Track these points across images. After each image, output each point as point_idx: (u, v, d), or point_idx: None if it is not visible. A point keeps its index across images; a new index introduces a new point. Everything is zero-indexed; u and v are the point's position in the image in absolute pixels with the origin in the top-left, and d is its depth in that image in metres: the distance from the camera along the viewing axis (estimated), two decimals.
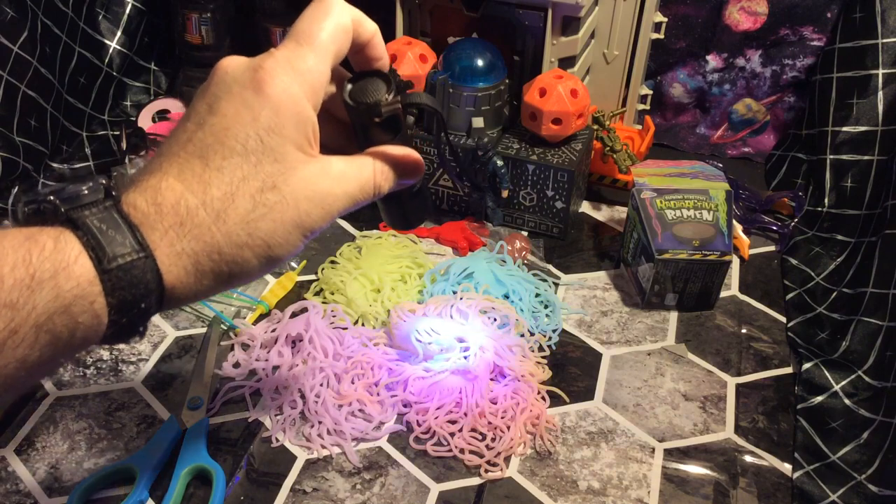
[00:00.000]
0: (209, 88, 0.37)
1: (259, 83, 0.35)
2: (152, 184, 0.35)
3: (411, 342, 0.69)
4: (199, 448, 0.62)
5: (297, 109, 0.36)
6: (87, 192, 0.34)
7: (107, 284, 0.32)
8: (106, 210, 0.33)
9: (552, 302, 0.77)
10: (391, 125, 0.41)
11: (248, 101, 0.35)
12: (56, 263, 0.31)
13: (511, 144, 0.85)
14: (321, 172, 0.37)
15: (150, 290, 0.33)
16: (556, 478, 0.62)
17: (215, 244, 0.34)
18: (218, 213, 0.34)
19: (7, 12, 0.82)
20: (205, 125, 0.36)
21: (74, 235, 0.32)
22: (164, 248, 0.34)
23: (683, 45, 1.00)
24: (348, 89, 0.41)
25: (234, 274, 0.36)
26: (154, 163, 0.36)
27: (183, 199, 0.34)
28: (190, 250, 0.34)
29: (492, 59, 0.83)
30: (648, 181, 0.80)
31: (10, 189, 0.86)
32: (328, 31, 0.38)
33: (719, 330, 0.76)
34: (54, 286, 0.31)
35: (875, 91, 0.84)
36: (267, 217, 0.35)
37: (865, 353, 0.69)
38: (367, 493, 0.60)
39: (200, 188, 0.34)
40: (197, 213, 0.34)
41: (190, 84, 1.01)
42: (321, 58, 0.37)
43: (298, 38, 0.37)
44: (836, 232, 0.83)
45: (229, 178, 0.35)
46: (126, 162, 0.87)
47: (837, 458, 0.63)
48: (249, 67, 0.36)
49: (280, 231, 0.36)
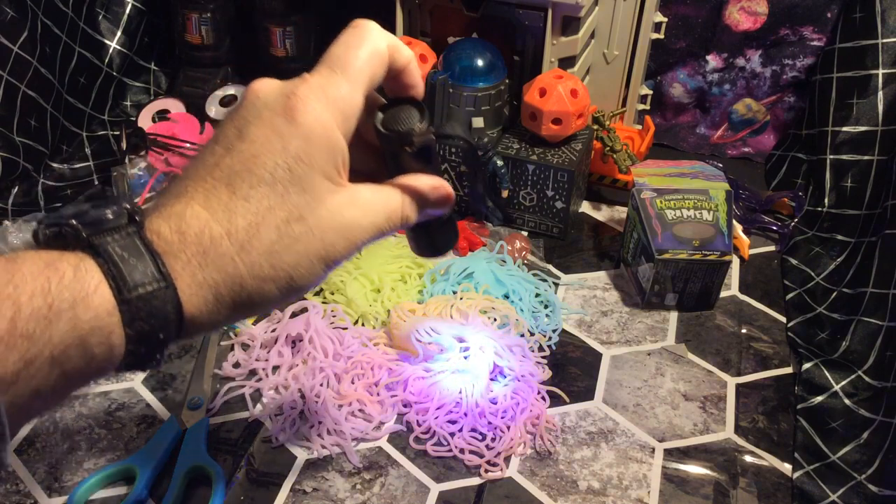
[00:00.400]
0: (240, 111, 0.36)
1: (291, 110, 0.35)
2: (177, 210, 0.34)
3: (411, 342, 0.69)
4: (199, 448, 0.62)
5: (327, 138, 0.35)
6: (111, 216, 0.33)
7: (126, 315, 0.32)
8: (129, 236, 0.33)
9: (552, 302, 0.77)
10: (423, 154, 0.41)
11: (278, 127, 0.35)
12: (75, 293, 0.31)
13: (511, 144, 0.85)
14: (348, 202, 0.37)
15: (170, 320, 0.33)
16: (556, 478, 0.62)
17: (238, 275, 0.34)
18: (242, 244, 0.34)
19: (7, 12, 0.82)
20: (233, 150, 0.35)
21: (95, 263, 0.32)
22: (185, 278, 0.33)
23: (683, 45, 1.00)
24: (380, 116, 0.40)
25: (255, 304, 0.35)
26: (180, 185, 0.35)
27: (207, 227, 0.33)
28: (212, 280, 0.33)
29: (492, 59, 0.83)
30: (648, 181, 0.80)
31: (10, 189, 0.86)
32: (363, 59, 0.37)
33: (719, 330, 0.76)
34: (72, 317, 0.30)
35: (875, 91, 0.84)
36: (291, 248, 0.35)
37: (865, 353, 0.69)
38: (367, 493, 0.60)
39: (226, 217, 0.34)
40: (221, 243, 0.33)
41: (190, 84, 1.01)
42: (355, 86, 0.36)
43: (333, 64, 0.37)
44: (836, 232, 0.83)
45: (255, 208, 0.34)
46: (126, 162, 0.87)
47: (837, 458, 0.63)
48: (282, 93, 0.35)
49: (304, 262, 0.35)
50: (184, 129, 0.91)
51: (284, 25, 0.96)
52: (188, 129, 0.91)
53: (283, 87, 0.36)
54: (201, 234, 0.33)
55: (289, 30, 0.96)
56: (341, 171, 0.36)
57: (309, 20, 0.97)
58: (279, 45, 0.97)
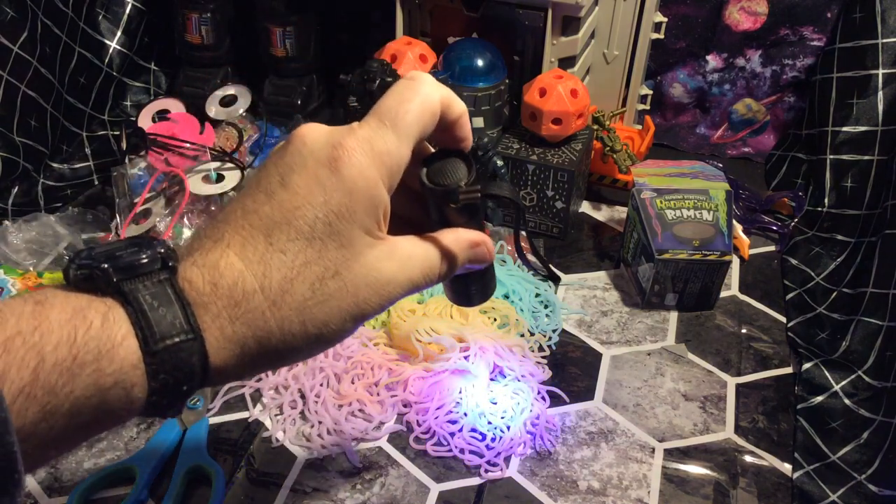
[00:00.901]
0: (284, 158, 0.35)
1: (336, 161, 0.34)
2: (212, 259, 0.33)
3: (411, 342, 0.69)
4: (199, 448, 0.62)
5: (370, 193, 0.34)
6: (145, 260, 0.32)
7: (150, 367, 0.31)
8: (160, 284, 0.32)
9: (552, 302, 0.77)
10: (467, 209, 0.40)
11: (322, 179, 0.34)
12: (101, 343, 0.30)
13: (511, 144, 0.85)
14: (386, 256, 0.36)
15: (195, 373, 0.32)
16: (556, 478, 0.62)
17: (267, 330, 0.33)
18: (275, 300, 0.33)
19: (7, 12, 0.82)
20: (274, 198, 0.34)
21: (124, 311, 0.31)
22: (214, 331, 0.32)
23: (683, 45, 1.00)
24: (426, 168, 0.39)
25: (282, 357, 0.35)
26: (218, 229, 0.34)
27: (241, 280, 0.33)
28: (241, 334, 0.33)
29: (492, 59, 0.83)
30: (648, 181, 0.80)
31: (10, 189, 0.87)
32: (414, 113, 0.36)
33: (719, 330, 0.76)
34: (95, 370, 0.30)
35: (875, 91, 0.84)
36: (324, 304, 0.34)
37: (865, 353, 0.69)
38: (367, 493, 0.60)
39: (261, 269, 0.33)
40: (254, 297, 0.33)
41: (190, 84, 1.01)
42: (403, 140, 0.35)
43: (383, 116, 0.35)
44: (836, 232, 0.83)
45: (291, 262, 0.33)
46: (126, 162, 0.87)
47: (837, 458, 0.63)
48: (329, 142, 0.34)
49: (335, 319, 0.35)
50: (184, 129, 0.91)
51: (284, 25, 0.96)
52: (188, 129, 0.91)
53: (330, 135, 0.35)
54: (234, 286, 0.33)
55: (289, 30, 0.96)
56: (381, 224, 0.36)
57: (309, 20, 0.97)
58: (279, 45, 0.97)
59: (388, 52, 0.86)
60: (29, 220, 0.81)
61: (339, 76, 0.83)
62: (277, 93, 1.00)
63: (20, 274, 0.76)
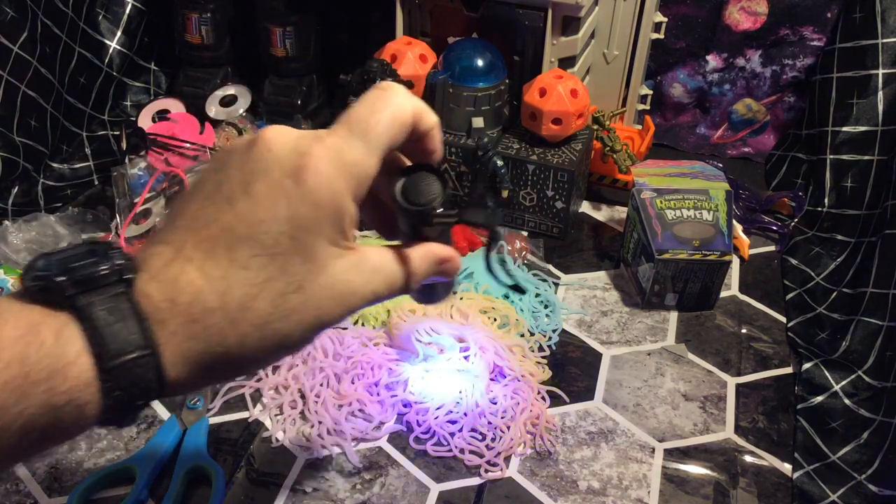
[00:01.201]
0: (248, 163, 0.33)
1: (302, 172, 0.32)
2: (171, 274, 0.32)
3: (411, 342, 0.69)
4: (199, 448, 0.62)
5: (336, 205, 0.33)
6: (102, 273, 0.31)
7: (105, 384, 0.30)
8: (116, 298, 0.31)
9: (552, 302, 0.77)
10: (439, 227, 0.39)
11: (287, 190, 0.32)
12: (54, 361, 0.29)
13: (511, 144, 0.85)
14: (352, 268, 0.35)
15: (150, 388, 0.32)
16: (556, 478, 0.62)
17: (225, 346, 0.33)
18: (235, 318, 0.32)
19: (7, 12, 0.82)
20: (236, 205, 0.33)
21: (78, 328, 0.30)
22: (171, 347, 0.32)
23: (683, 45, 1.00)
24: (400, 185, 0.38)
25: (239, 369, 0.35)
26: (177, 236, 0.33)
27: (200, 297, 0.32)
28: (198, 351, 0.32)
29: (492, 59, 0.83)
30: (648, 181, 0.80)
31: (10, 189, 0.87)
32: (385, 123, 0.35)
33: (719, 330, 0.76)
34: (48, 388, 0.29)
35: (875, 91, 0.84)
36: (286, 319, 0.33)
37: (865, 353, 0.69)
38: (367, 493, 0.60)
39: (222, 286, 0.32)
40: (213, 314, 0.32)
41: (190, 84, 1.01)
42: (372, 150, 0.35)
43: (352, 125, 0.34)
44: (836, 232, 0.83)
45: (254, 279, 0.32)
46: (126, 162, 0.87)
47: (837, 458, 0.63)
48: (295, 151, 0.33)
49: (297, 331, 0.34)
50: (184, 129, 0.91)
51: (284, 25, 0.96)
52: (188, 129, 0.91)
53: (297, 142, 0.33)
54: (193, 303, 0.32)
55: (289, 30, 0.96)
56: (348, 234, 0.35)
57: (309, 20, 0.97)
58: (279, 45, 0.97)
59: (388, 52, 0.86)
60: (29, 220, 0.81)
61: (339, 76, 0.83)
62: (277, 93, 1.00)
63: (20, 274, 0.76)
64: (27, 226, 0.80)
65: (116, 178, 0.85)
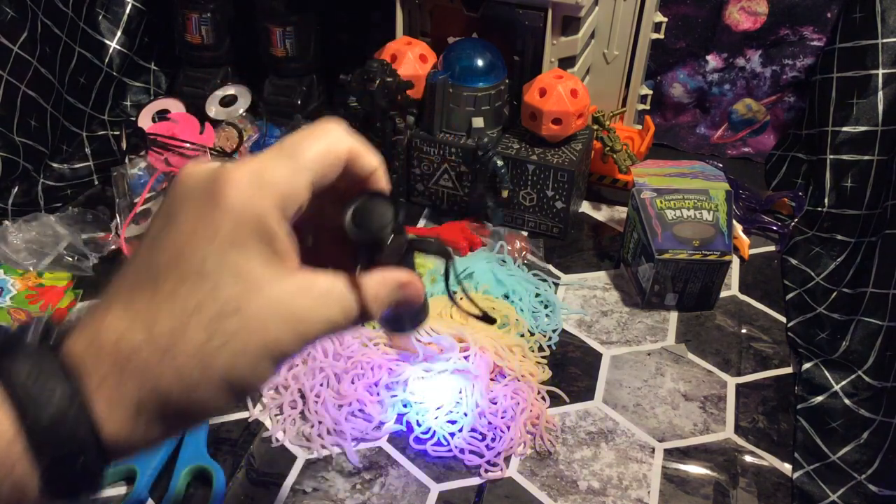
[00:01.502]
0: (167, 200, 0.33)
1: (218, 194, 0.31)
2: (96, 320, 0.31)
3: (411, 342, 0.69)
4: (199, 448, 0.62)
5: (260, 223, 0.32)
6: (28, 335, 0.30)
7: (33, 444, 0.29)
8: (40, 356, 0.30)
9: (552, 302, 0.77)
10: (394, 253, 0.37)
11: (205, 215, 0.31)
12: None
13: (511, 144, 0.85)
14: (299, 291, 0.33)
15: (86, 445, 0.30)
16: (556, 478, 0.62)
17: (164, 384, 0.30)
18: (165, 351, 0.30)
19: (7, 12, 0.82)
20: (159, 243, 0.32)
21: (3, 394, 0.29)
22: (102, 395, 0.30)
23: (683, 45, 1.00)
24: (350, 211, 0.36)
25: (190, 416, 0.32)
26: (107, 292, 0.32)
27: (126, 336, 0.30)
28: (132, 394, 0.30)
29: (492, 59, 0.83)
30: (648, 181, 0.80)
31: (10, 189, 0.87)
32: (315, 151, 0.34)
33: (719, 330, 0.76)
34: None
35: (875, 91, 0.84)
36: (225, 348, 0.31)
37: (865, 353, 0.69)
38: (367, 493, 0.60)
39: (149, 320, 0.30)
40: (140, 351, 0.30)
41: (190, 84, 1.01)
42: (297, 171, 0.33)
43: (282, 148, 0.34)
44: (836, 232, 0.83)
45: (182, 306, 0.31)
46: (126, 162, 0.87)
47: (837, 458, 0.63)
48: (210, 177, 0.32)
49: (242, 362, 0.31)
50: (184, 129, 0.91)
51: (284, 25, 0.96)
52: (188, 129, 0.91)
53: (213, 170, 0.32)
54: (118, 343, 0.30)
55: (289, 30, 0.96)
56: (284, 255, 0.33)
57: (309, 20, 0.97)
58: (279, 45, 0.97)
59: (388, 52, 0.86)
60: (29, 220, 0.81)
61: (339, 76, 0.83)
62: (277, 93, 1.00)
63: (20, 274, 0.76)
64: (27, 226, 0.80)
65: (116, 178, 0.85)
